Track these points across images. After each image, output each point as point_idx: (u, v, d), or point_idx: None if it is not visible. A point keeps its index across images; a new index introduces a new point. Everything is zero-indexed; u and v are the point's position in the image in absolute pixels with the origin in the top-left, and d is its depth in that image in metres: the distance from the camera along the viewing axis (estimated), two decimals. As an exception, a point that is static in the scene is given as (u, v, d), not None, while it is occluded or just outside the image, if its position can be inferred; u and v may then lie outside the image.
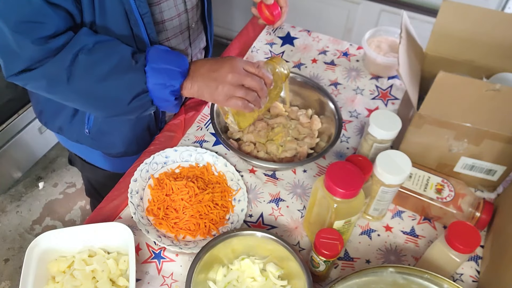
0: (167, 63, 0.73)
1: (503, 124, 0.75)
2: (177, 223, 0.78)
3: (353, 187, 0.66)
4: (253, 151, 0.89)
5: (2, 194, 1.85)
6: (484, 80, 0.88)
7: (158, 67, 0.73)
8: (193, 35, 0.95)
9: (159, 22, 0.84)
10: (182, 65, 0.75)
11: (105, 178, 1.10)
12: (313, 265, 0.70)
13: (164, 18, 0.84)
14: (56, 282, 0.70)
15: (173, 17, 0.85)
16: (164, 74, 0.73)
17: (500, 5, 1.62)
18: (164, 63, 0.73)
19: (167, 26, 0.86)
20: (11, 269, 1.64)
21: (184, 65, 0.75)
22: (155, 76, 0.73)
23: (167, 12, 0.84)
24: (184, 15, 0.88)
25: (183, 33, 0.91)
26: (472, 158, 0.81)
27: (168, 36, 0.87)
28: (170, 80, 0.73)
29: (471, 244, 0.65)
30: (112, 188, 0.85)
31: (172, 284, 0.74)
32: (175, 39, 0.90)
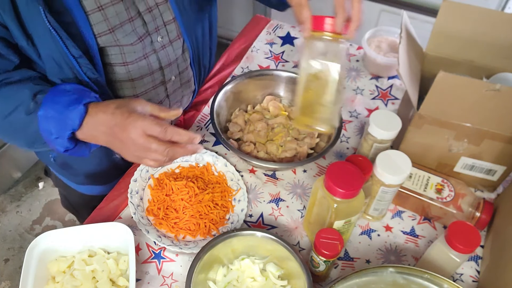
0: (57, 111, 0.64)
1: (503, 124, 0.75)
2: (177, 223, 0.78)
3: (353, 187, 0.66)
4: (253, 151, 0.89)
5: (2, 194, 1.85)
6: (484, 80, 0.88)
7: (47, 115, 0.64)
8: (172, 87, 0.87)
9: (124, 80, 0.78)
10: (71, 120, 0.64)
11: (79, 197, 1.06)
12: (313, 265, 0.70)
13: (133, 77, 0.78)
14: (56, 282, 0.70)
15: (144, 75, 0.79)
16: (52, 123, 0.64)
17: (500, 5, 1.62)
18: (54, 110, 0.64)
19: (136, 84, 0.79)
20: (11, 269, 1.64)
21: (73, 122, 0.64)
22: (44, 123, 0.65)
23: (136, 72, 0.77)
24: (158, 72, 0.82)
25: (156, 87, 0.83)
26: (472, 158, 0.81)
27: (136, 93, 0.81)
28: (58, 131, 0.65)
29: (471, 244, 0.65)
30: (87, 206, 0.84)
31: (172, 284, 0.74)
32: (145, 95, 0.82)
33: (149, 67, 0.79)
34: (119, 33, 0.71)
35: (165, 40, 0.79)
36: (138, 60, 0.76)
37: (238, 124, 0.93)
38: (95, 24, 0.68)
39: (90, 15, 0.66)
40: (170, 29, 0.78)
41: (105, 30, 0.69)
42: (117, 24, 0.70)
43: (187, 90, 0.92)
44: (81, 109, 0.63)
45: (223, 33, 2.18)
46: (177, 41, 0.81)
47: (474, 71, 0.90)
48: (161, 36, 0.78)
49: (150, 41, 0.76)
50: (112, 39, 0.70)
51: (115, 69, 0.76)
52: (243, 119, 0.94)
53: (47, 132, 0.65)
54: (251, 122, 0.93)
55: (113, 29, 0.70)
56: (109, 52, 0.73)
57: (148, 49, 0.77)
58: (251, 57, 1.12)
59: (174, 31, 0.79)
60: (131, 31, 0.72)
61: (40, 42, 0.66)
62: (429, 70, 0.91)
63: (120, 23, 0.70)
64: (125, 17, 0.70)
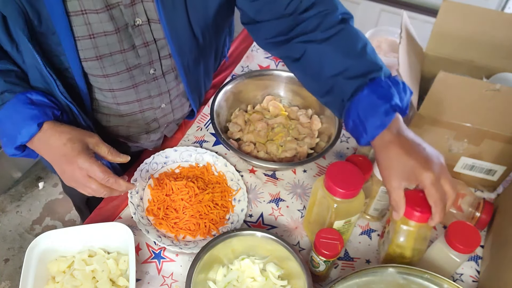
0: (13, 121, 0.65)
1: (503, 124, 0.75)
2: (177, 223, 0.78)
3: (353, 187, 0.66)
4: (253, 151, 0.89)
5: (2, 194, 1.85)
6: (484, 80, 0.88)
7: (3, 120, 0.66)
8: (162, 112, 0.84)
9: (110, 103, 0.77)
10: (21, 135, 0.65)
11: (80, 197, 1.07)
12: (313, 265, 0.70)
13: (118, 101, 0.76)
14: (56, 282, 0.70)
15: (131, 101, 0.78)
16: (5, 129, 0.66)
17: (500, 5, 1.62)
18: (11, 119, 0.65)
19: (121, 108, 0.78)
20: (11, 269, 1.64)
21: (22, 137, 0.65)
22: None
23: (122, 98, 0.76)
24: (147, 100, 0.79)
25: (144, 111, 0.81)
26: (472, 158, 0.81)
27: (122, 114, 0.79)
28: (7, 139, 0.67)
29: (471, 244, 0.65)
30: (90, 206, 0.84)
31: (172, 284, 0.74)
32: (131, 117, 0.81)
33: (137, 95, 0.76)
34: (106, 61, 0.68)
35: (158, 72, 0.76)
36: (126, 88, 0.74)
37: (238, 124, 0.93)
38: (83, 50, 0.66)
39: (79, 41, 0.64)
40: (165, 63, 0.75)
41: (92, 57, 0.67)
42: (106, 53, 0.67)
43: (179, 114, 0.89)
44: (33, 129, 0.65)
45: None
46: (171, 74, 0.78)
47: (474, 71, 0.90)
48: (154, 68, 0.75)
49: (141, 72, 0.73)
50: (98, 66, 0.68)
51: (101, 92, 0.74)
52: (243, 119, 0.94)
53: (0, 134, 0.67)
54: (251, 122, 0.93)
55: (101, 57, 0.67)
56: (95, 78, 0.71)
57: (137, 80, 0.74)
58: (251, 56, 1.12)
59: (169, 65, 0.76)
60: (121, 61, 0.70)
61: (25, 52, 0.65)
62: (429, 70, 0.91)
63: (110, 52, 0.68)
64: (116, 48, 0.68)
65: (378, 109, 0.62)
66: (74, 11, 0.61)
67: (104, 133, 0.83)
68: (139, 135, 0.87)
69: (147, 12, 0.67)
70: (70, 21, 0.62)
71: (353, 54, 0.67)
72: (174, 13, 0.68)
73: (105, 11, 0.63)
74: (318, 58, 0.70)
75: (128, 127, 0.84)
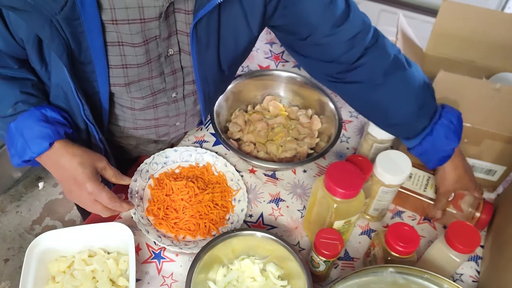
0: (25, 136, 0.65)
1: (503, 124, 0.75)
2: (177, 223, 0.78)
3: (353, 187, 0.66)
4: (253, 151, 0.89)
5: (2, 194, 1.85)
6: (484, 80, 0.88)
7: (16, 132, 0.66)
8: (175, 128, 0.85)
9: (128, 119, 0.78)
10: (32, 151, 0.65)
11: None
12: (313, 265, 0.70)
13: (137, 118, 0.77)
14: (56, 282, 0.70)
15: (148, 119, 0.78)
16: (16, 142, 0.66)
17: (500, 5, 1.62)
18: (22, 134, 0.65)
19: (138, 124, 0.79)
20: (11, 269, 1.64)
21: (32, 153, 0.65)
22: (10, 135, 0.67)
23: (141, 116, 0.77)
24: (164, 119, 0.80)
25: (158, 127, 0.82)
26: (472, 158, 0.81)
27: (136, 127, 0.80)
28: (17, 151, 0.66)
29: (471, 244, 0.65)
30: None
31: (172, 284, 0.74)
32: (145, 131, 0.81)
33: (155, 114, 0.78)
34: (134, 87, 0.69)
35: (179, 96, 0.77)
36: (146, 108, 0.75)
37: (238, 124, 0.93)
38: (113, 77, 0.67)
39: (111, 69, 0.65)
40: (187, 88, 0.76)
41: (121, 83, 0.68)
42: (135, 80, 0.68)
43: (190, 126, 0.89)
44: (44, 147, 0.65)
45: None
46: (191, 97, 0.79)
47: (474, 71, 0.90)
48: (176, 92, 0.76)
49: (164, 95, 0.75)
50: (125, 91, 0.69)
51: (122, 108, 0.75)
52: (243, 119, 0.94)
53: (8, 144, 0.67)
54: (251, 122, 0.93)
55: (129, 84, 0.68)
56: (120, 100, 0.73)
57: (159, 101, 0.75)
58: (251, 57, 1.12)
59: (190, 90, 0.77)
60: (147, 86, 0.71)
61: (54, 71, 0.66)
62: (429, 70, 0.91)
63: (138, 80, 0.69)
64: (145, 76, 0.69)
65: (451, 144, 0.72)
66: (111, 41, 0.62)
67: (114, 141, 0.84)
68: (148, 144, 0.88)
69: (179, 44, 0.68)
70: (107, 51, 0.63)
71: (416, 95, 0.73)
72: (206, 50, 0.69)
73: (143, 45, 0.64)
74: (384, 103, 0.75)
75: (140, 138, 0.85)
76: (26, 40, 0.61)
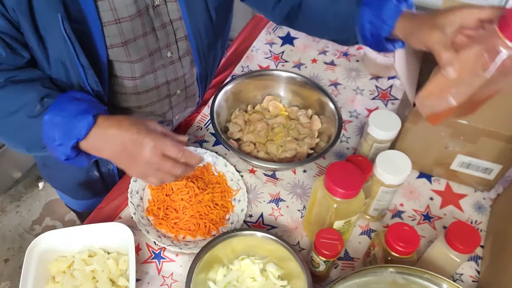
0: (65, 119, 0.62)
1: (499, 122, 0.75)
2: (177, 223, 0.78)
3: (353, 187, 0.66)
4: (253, 151, 0.89)
5: (2, 194, 1.85)
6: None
7: (53, 121, 0.62)
8: (177, 100, 0.86)
9: (130, 93, 0.77)
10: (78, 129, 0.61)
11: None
12: (313, 265, 0.70)
13: (139, 90, 0.77)
14: (56, 282, 0.70)
15: (150, 89, 0.78)
16: (57, 130, 0.62)
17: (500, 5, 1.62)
18: (61, 117, 0.62)
19: (141, 97, 0.78)
20: (11, 269, 1.64)
21: (80, 132, 0.61)
22: (48, 129, 0.62)
23: (143, 85, 0.77)
24: (164, 86, 0.81)
25: (161, 100, 0.82)
26: (468, 156, 0.81)
27: (140, 105, 0.79)
28: (62, 139, 0.62)
29: (471, 244, 0.65)
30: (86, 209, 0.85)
31: (172, 284, 0.74)
32: (150, 107, 0.81)
33: (156, 81, 0.78)
34: (131, 47, 0.70)
35: (175, 56, 0.78)
36: (146, 74, 0.75)
37: (238, 124, 0.93)
38: (109, 36, 0.66)
39: (106, 27, 0.65)
40: (181, 46, 0.77)
41: (118, 43, 0.68)
42: (131, 38, 0.69)
43: (191, 102, 0.91)
44: (90, 120, 0.61)
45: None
46: (186, 58, 0.80)
47: (474, 71, 0.90)
48: (171, 52, 0.76)
49: (160, 56, 0.75)
50: (123, 53, 0.69)
51: (122, 82, 0.75)
52: (243, 119, 0.94)
53: (50, 139, 0.62)
54: (251, 122, 0.93)
55: (126, 43, 0.69)
56: (118, 66, 0.72)
57: (156, 64, 0.76)
58: (251, 57, 1.12)
59: (184, 48, 0.78)
60: (143, 45, 0.71)
61: (51, 45, 0.65)
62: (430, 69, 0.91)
63: (134, 37, 0.69)
64: (139, 32, 0.69)
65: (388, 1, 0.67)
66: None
67: None
68: None
69: None
70: (97, 7, 0.63)
71: None
72: None
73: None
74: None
75: None
76: (17, 8, 0.59)
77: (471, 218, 0.83)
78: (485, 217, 0.83)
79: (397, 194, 0.86)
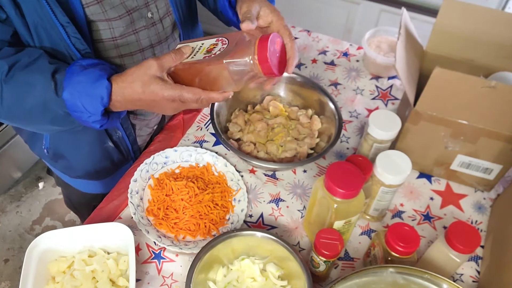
0: (83, 90, 0.64)
1: (499, 122, 0.75)
2: (177, 223, 0.78)
3: (353, 187, 0.66)
4: (253, 151, 0.89)
5: (2, 194, 1.85)
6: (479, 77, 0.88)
7: (73, 96, 0.64)
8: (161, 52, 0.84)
9: (114, 56, 0.76)
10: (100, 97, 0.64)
11: (80, 196, 1.06)
12: (313, 265, 0.70)
13: (122, 53, 0.77)
14: (56, 282, 0.70)
15: (134, 53, 0.78)
16: (82, 103, 0.64)
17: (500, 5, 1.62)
18: (79, 91, 0.64)
19: (126, 61, 0.78)
20: (11, 269, 1.64)
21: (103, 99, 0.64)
22: (72, 104, 0.65)
23: (126, 48, 0.76)
24: (148, 50, 0.80)
25: (143, 51, 0.81)
26: (468, 156, 0.81)
27: (125, 63, 0.79)
28: (90, 110, 0.65)
29: (471, 244, 0.65)
30: (88, 206, 0.84)
31: (172, 284, 0.74)
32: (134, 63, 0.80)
33: (139, 43, 0.78)
34: (107, 4, 0.70)
35: (155, 17, 0.78)
36: (127, 35, 0.75)
37: (238, 124, 0.93)
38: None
39: None
40: (160, 5, 0.78)
41: (92, 0, 0.68)
42: None
43: None
44: (106, 84, 0.63)
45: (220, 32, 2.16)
46: (167, 19, 0.81)
47: (474, 70, 0.90)
48: (151, 12, 0.77)
49: (140, 16, 0.76)
50: (100, 10, 0.69)
51: (104, 45, 0.74)
52: (243, 119, 0.94)
53: (78, 112, 0.65)
54: (251, 122, 0.93)
55: (101, 0, 0.69)
56: (98, 27, 0.72)
57: (137, 25, 0.76)
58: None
59: (163, 7, 0.79)
60: (119, 3, 0.71)
61: (27, 10, 0.64)
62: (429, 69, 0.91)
63: None
64: None
65: None
66: None
67: None
68: None
69: None
70: None
71: None
72: None
73: None
74: None
75: None
76: None
77: (471, 218, 0.83)
78: (485, 217, 0.83)
79: (397, 194, 0.86)
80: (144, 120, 0.92)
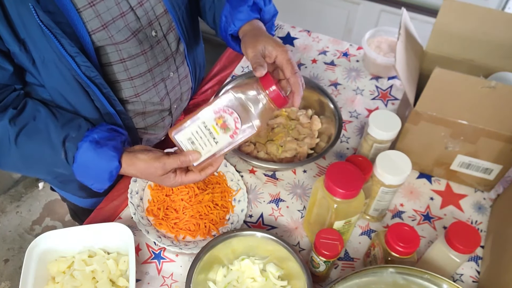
0: (93, 167, 0.69)
1: (498, 122, 0.75)
2: (177, 223, 0.78)
3: (353, 187, 0.66)
4: (253, 151, 0.89)
5: (2, 194, 1.85)
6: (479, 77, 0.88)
7: (84, 170, 0.69)
8: (171, 84, 0.87)
9: (123, 79, 0.77)
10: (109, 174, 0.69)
11: (85, 210, 1.05)
12: (313, 265, 0.70)
13: (132, 75, 0.77)
14: (56, 282, 0.70)
15: (143, 73, 0.79)
16: (90, 177, 0.70)
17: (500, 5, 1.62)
18: (89, 168, 0.69)
19: (136, 83, 0.79)
20: (11, 270, 1.64)
21: (110, 176, 0.69)
22: (81, 177, 0.71)
23: (135, 69, 0.77)
24: (157, 69, 0.81)
25: (156, 85, 0.83)
26: (468, 156, 0.81)
27: (138, 92, 0.80)
28: (96, 182, 0.71)
29: (471, 244, 0.65)
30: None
31: (172, 285, 0.74)
32: (146, 94, 0.82)
33: (148, 63, 0.79)
34: (112, 29, 0.70)
35: (159, 34, 0.79)
36: (136, 56, 0.76)
37: (238, 124, 0.93)
38: (88, 21, 0.67)
39: (82, 12, 0.65)
40: (162, 22, 0.78)
41: (98, 27, 0.68)
42: (109, 20, 0.69)
43: (185, 86, 0.92)
44: (116, 165, 0.68)
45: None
46: (170, 34, 0.81)
47: (474, 70, 0.90)
48: (155, 30, 0.77)
49: (145, 36, 0.76)
50: (106, 35, 0.70)
51: (113, 69, 0.75)
52: (243, 119, 0.94)
53: (85, 180, 0.71)
54: (251, 122, 0.93)
55: (106, 25, 0.69)
56: (105, 51, 0.72)
57: (144, 46, 0.76)
58: (251, 57, 1.12)
59: (166, 23, 0.79)
60: (124, 26, 0.71)
61: (33, 46, 0.64)
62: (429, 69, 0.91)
63: (112, 18, 0.69)
64: (116, 12, 0.70)
65: (244, 5, 0.78)
66: None
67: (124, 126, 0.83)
68: (156, 125, 0.89)
69: None
70: None
71: None
72: None
73: None
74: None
75: (144, 113, 0.85)
76: None
77: (471, 218, 0.83)
78: (485, 217, 0.83)
79: (397, 194, 0.86)
80: (153, 134, 0.92)
